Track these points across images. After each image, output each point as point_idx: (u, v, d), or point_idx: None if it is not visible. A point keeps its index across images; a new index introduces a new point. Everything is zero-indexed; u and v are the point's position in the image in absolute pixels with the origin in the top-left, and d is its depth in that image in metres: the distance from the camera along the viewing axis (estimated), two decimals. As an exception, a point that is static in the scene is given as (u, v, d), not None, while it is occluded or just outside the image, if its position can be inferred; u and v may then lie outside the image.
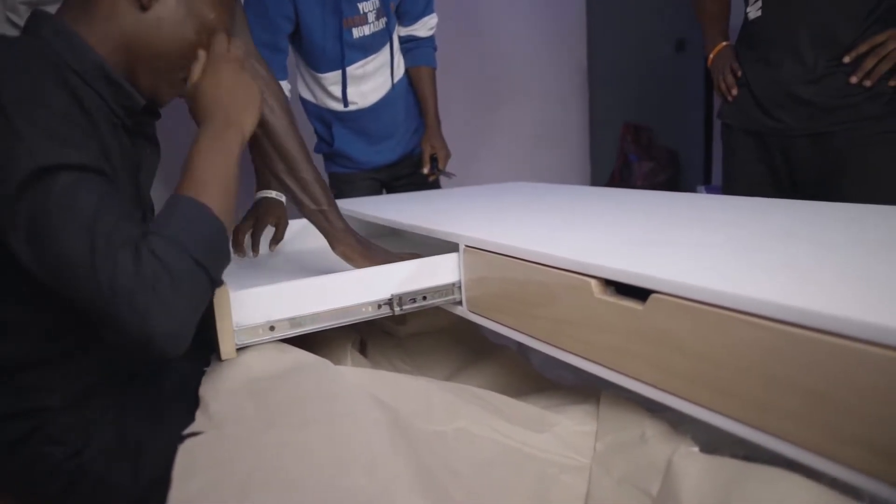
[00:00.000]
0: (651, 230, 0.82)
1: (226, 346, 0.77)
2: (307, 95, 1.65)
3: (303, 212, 1.00)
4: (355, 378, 0.75)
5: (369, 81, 1.63)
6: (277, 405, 0.70)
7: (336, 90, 1.59)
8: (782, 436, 0.50)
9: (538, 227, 0.90)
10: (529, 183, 1.66)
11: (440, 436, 0.72)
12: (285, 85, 1.51)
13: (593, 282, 0.66)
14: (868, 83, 1.24)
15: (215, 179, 0.70)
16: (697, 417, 0.57)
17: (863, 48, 1.23)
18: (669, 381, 0.59)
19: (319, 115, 1.66)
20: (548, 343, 0.74)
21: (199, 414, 0.71)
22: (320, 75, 1.57)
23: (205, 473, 0.62)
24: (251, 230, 1.23)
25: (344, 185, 1.69)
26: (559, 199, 1.23)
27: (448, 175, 1.72)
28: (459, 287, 0.90)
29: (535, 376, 1.01)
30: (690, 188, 2.91)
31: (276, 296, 0.80)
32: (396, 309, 0.86)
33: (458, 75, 2.72)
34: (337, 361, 0.94)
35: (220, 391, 0.73)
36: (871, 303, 0.47)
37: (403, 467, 0.64)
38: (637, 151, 3.31)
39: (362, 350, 1.13)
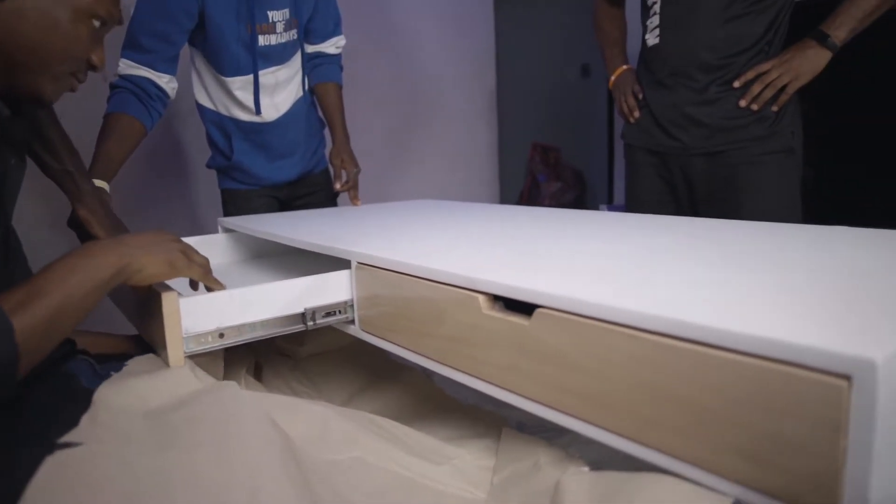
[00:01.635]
0: (544, 246, 0.81)
1: (174, 354, 0.75)
2: (205, 101, 1.55)
3: (49, 174, 0.95)
4: (256, 400, 0.71)
5: (280, 93, 1.57)
6: (173, 427, 0.64)
7: (244, 97, 1.51)
8: (664, 449, 0.49)
9: (433, 243, 0.88)
10: (434, 201, 1.64)
11: (334, 464, 0.68)
12: (170, 80, 1.41)
13: (481, 297, 0.64)
14: (755, 107, 1.31)
15: (53, 295, 0.61)
16: (583, 434, 0.56)
17: (750, 75, 1.31)
18: (555, 396, 0.57)
19: (220, 124, 1.56)
20: (439, 362, 0.72)
21: (85, 419, 0.64)
22: (227, 79, 1.48)
23: (66, 494, 0.55)
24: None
25: (240, 202, 1.61)
26: (460, 216, 1.22)
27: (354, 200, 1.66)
28: (352, 305, 0.86)
29: (438, 396, 0.98)
30: (595, 207, 3.00)
31: (226, 303, 0.79)
32: (309, 323, 0.85)
33: (372, 95, 2.70)
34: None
35: (112, 406, 0.67)
36: (738, 313, 0.47)
37: (290, 494, 0.61)
38: (545, 171, 3.39)
39: (257, 373, 1.07)
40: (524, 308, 0.60)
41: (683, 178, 1.43)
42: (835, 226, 0.87)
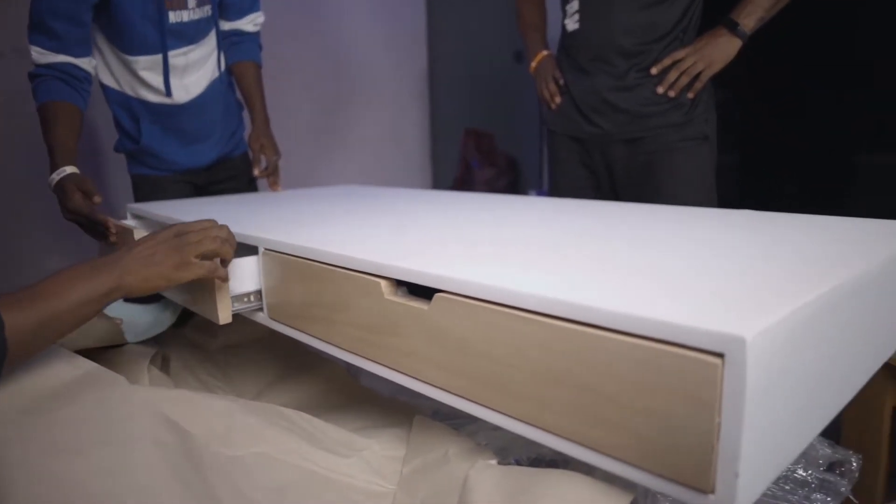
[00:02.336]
0: (456, 231, 0.80)
1: (223, 312, 0.79)
2: (109, 82, 1.45)
3: None
4: (149, 397, 0.67)
5: (192, 74, 1.49)
6: (56, 429, 0.61)
7: (152, 78, 1.43)
8: (560, 432, 0.49)
9: (345, 230, 0.85)
10: (357, 186, 1.62)
11: (237, 461, 0.66)
12: (90, 62, 1.34)
13: (383, 282, 0.63)
14: (672, 94, 1.33)
15: (49, 301, 0.63)
16: (484, 419, 0.55)
17: (666, 62, 1.33)
18: (457, 382, 0.56)
19: (126, 105, 1.47)
20: (347, 350, 0.70)
21: None
22: (131, 58, 1.40)
23: None
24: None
25: (152, 189, 1.53)
26: (379, 202, 1.20)
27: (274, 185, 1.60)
28: (260, 293, 0.84)
29: (353, 387, 0.96)
30: (528, 193, 3.03)
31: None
32: None
33: (300, 77, 2.63)
34: (133, 380, 0.85)
35: None
36: (626, 294, 0.47)
37: (182, 495, 0.59)
38: (478, 157, 3.39)
39: (165, 366, 1.03)
40: (426, 293, 0.59)
41: (604, 164, 1.45)
42: (741, 209, 0.90)
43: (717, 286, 0.48)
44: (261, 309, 0.84)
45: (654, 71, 1.34)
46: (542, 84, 1.51)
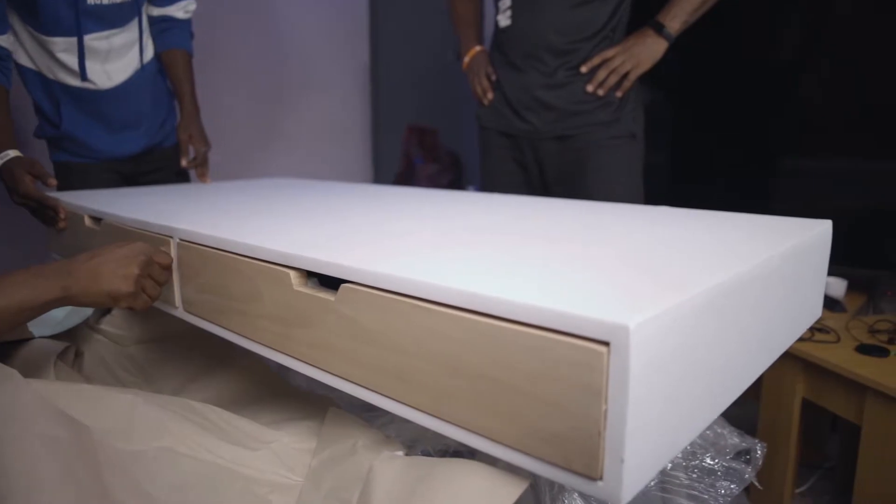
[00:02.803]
0: (372, 223, 0.80)
1: None
2: (25, 62, 1.38)
3: None
4: (43, 392, 0.64)
5: (115, 61, 1.43)
6: None
7: (69, 60, 1.36)
8: (459, 423, 0.49)
9: (263, 221, 0.84)
10: (288, 179, 1.59)
11: (137, 456, 0.63)
12: (7, 38, 1.28)
13: (292, 273, 0.61)
14: (601, 92, 1.36)
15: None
16: (390, 410, 0.55)
17: (596, 61, 1.35)
18: (360, 373, 0.56)
19: (46, 88, 1.40)
20: (260, 343, 0.69)
21: None
22: (47, 38, 1.33)
23: None
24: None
25: (76, 177, 1.46)
26: (305, 195, 1.18)
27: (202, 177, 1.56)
28: (173, 285, 0.81)
29: (274, 380, 0.94)
30: (466, 189, 3.04)
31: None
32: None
33: (237, 67, 2.56)
34: (36, 375, 0.81)
35: None
36: (522, 284, 0.48)
37: (73, 494, 0.56)
38: (422, 154, 3.38)
39: (77, 362, 0.99)
40: (334, 284, 0.58)
41: (535, 160, 1.47)
42: (660, 206, 0.92)
43: (609, 278, 0.49)
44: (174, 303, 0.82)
45: (583, 69, 1.36)
46: (475, 80, 1.51)
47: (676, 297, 0.43)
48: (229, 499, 0.63)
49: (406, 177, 3.39)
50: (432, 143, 3.43)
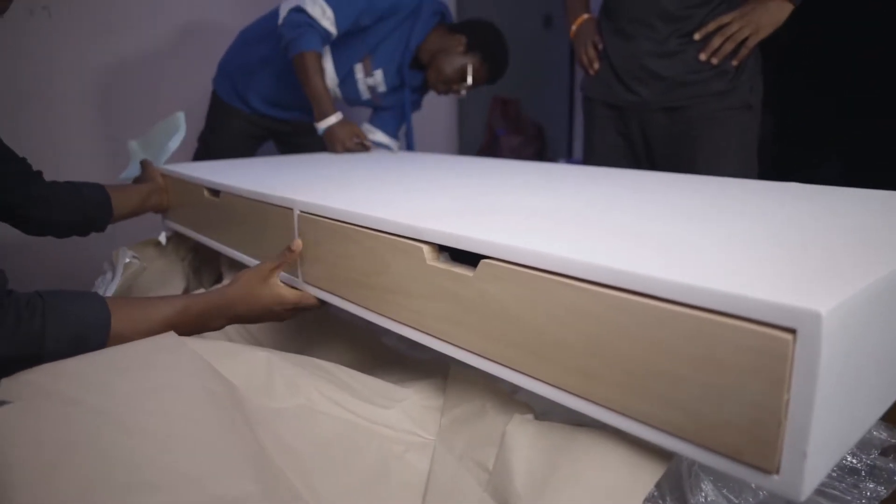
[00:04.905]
0: (493, 197, 0.78)
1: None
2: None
3: None
4: (197, 346, 0.67)
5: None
6: (109, 369, 0.60)
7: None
8: (608, 405, 0.48)
9: (380, 193, 0.84)
10: (386, 152, 1.59)
11: (280, 413, 0.66)
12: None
13: (425, 247, 0.61)
14: (714, 61, 1.28)
15: (152, 325, 0.71)
16: (524, 387, 0.54)
17: (711, 27, 1.28)
18: (498, 350, 0.55)
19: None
20: (381, 314, 0.69)
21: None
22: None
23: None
24: None
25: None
26: (411, 167, 1.18)
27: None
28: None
29: (386, 352, 0.96)
30: (555, 161, 2.98)
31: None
32: None
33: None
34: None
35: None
36: (685, 265, 0.45)
37: (234, 446, 0.58)
38: (505, 125, 3.34)
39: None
40: (470, 260, 0.57)
41: (641, 133, 1.41)
42: (787, 182, 0.86)
43: (784, 259, 0.46)
44: (294, 273, 0.83)
45: (697, 36, 1.29)
46: (581, 49, 1.46)
47: (860, 281, 0.40)
48: (369, 456, 0.64)
49: (489, 149, 3.36)
50: (515, 113, 3.38)
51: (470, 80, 1.61)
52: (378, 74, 1.62)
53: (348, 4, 1.45)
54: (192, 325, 0.75)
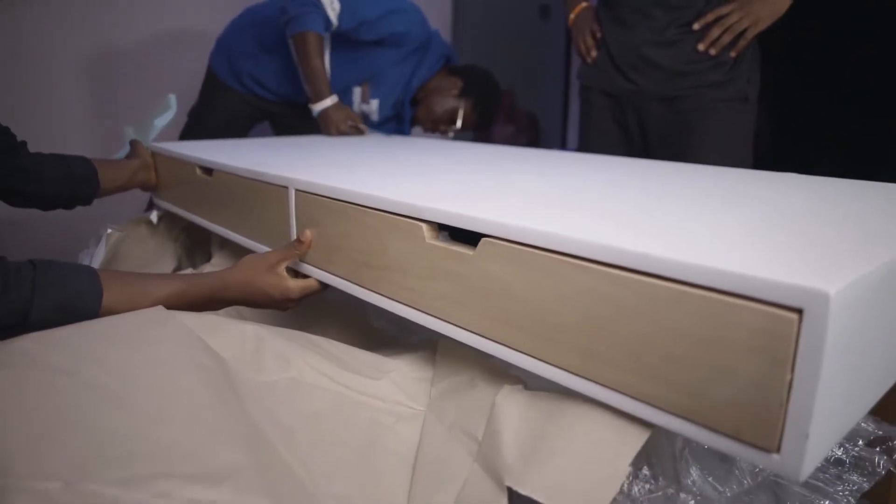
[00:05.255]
0: (489, 179, 0.78)
1: None
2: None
3: None
4: (187, 321, 0.66)
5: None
6: (99, 341, 0.60)
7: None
8: (609, 384, 0.48)
9: (376, 173, 0.83)
10: (380, 136, 1.59)
11: (269, 386, 0.65)
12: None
13: (424, 226, 0.61)
14: (713, 51, 1.28)
15: (145, 296, 0.70)
16: (526, 368, 0.54)
17: (709, 17, 1.27)
18: (498, 330, 0.55)
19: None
20: (379, 293, 0.69)
21: None
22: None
23: None
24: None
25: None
26: (408, 151, 1.17)
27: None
28: (290, 236, 0.82)
29: (376, 334, 0.95)
30: (548, 152, 2.98)
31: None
32: None
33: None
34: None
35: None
36: (690, 245, 0.45)
37: (225, 420, 0.58)
38: (499, 115, 3.32)
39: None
40: (470, 240, 0.57)
41: (637, 122, 1.41)
42: (784, 172, 0.86)
43: (788, 244, 0.46)
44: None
45: (696, 26, 1.28)
46: (580, 37, 1.45)
47: (867, 265, 0.40)
48: (359, 428, 0.64)
49: (481, 137, 3.35)
50: (509, 103, 3.36)
51: (459, 123, 1.61)
52: (374, 104, 1.61)
53: (355, 7, 1.43)
54: (188, 308, 0.72)
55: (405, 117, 1.66)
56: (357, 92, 1.60)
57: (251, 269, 0.77)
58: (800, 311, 0.36)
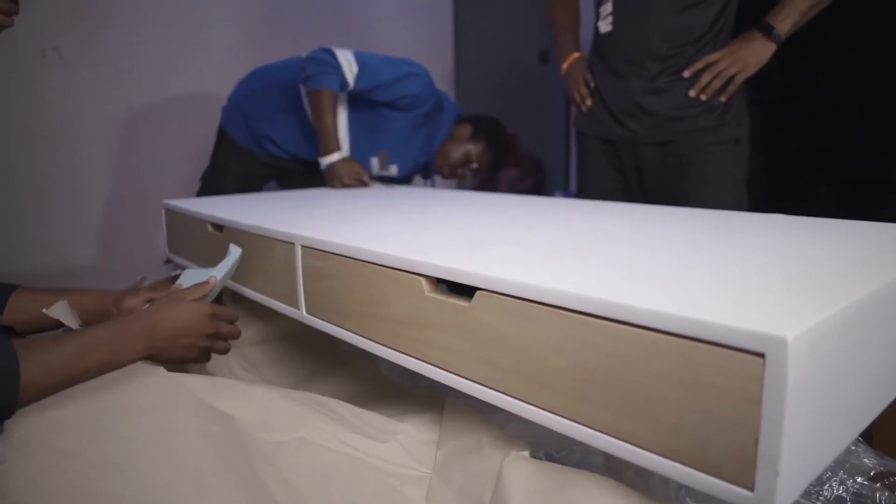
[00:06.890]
0: (487, 230, 0.82)
1: None
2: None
3: None
4: (191, 385, 0.69)
5: None
6: (103, 417, 0.62)
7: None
8: (597, 427, 0.50)
9: (379, 227, 0.87)
10: (384, 188, 1.64)
11: (279, 446, 0.68)
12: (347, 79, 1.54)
13: (423, 280, 0.64)
14: (704, 97, 1.33)
15: (73, 363, 0.66)
16: (519, 415, 0.56)
17: (699, 65, 1.33)
18: (493, 376, 0.58)
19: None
20: (384, 345, 0.72)
21: None
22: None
23: None
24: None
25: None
26: (407, 201, 1.22)
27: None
28: (297, 289, 0.86)
29: (384, 382, 0.98)
30: (553, 194, 3.03)
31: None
32: None
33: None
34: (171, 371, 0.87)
35: (29, 411, 0.63)
36: (665, 294, 0.48)
37: (234, 483, 0.61)
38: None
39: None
40: (467, 290, 0.60)
41: (634, 167, 1.45)
42: (773, 213, 0.90)
43: (755, 288, 0.49)
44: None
45: (686, 74, 1.34)
46: (574, 86, 1.51)
47: (828, 308, 0.43)
48: (366, 489, 0.66)
49: (488, 182, 3.41)
50: (513, 147, 3.43)
51: (475, 164, 1.70)
52: (393, 168, 1.71)
53: (373, 71, 1.53)
54: (103, 350, 0.69)
55: (431, 171, 1.76)
56: (374, 162, 1.69)
57: (161, 302, 0.78)
58: (762, 356, 0.39)
